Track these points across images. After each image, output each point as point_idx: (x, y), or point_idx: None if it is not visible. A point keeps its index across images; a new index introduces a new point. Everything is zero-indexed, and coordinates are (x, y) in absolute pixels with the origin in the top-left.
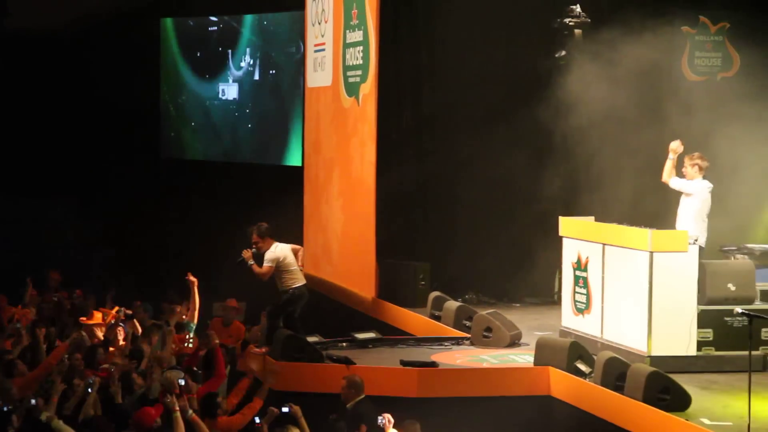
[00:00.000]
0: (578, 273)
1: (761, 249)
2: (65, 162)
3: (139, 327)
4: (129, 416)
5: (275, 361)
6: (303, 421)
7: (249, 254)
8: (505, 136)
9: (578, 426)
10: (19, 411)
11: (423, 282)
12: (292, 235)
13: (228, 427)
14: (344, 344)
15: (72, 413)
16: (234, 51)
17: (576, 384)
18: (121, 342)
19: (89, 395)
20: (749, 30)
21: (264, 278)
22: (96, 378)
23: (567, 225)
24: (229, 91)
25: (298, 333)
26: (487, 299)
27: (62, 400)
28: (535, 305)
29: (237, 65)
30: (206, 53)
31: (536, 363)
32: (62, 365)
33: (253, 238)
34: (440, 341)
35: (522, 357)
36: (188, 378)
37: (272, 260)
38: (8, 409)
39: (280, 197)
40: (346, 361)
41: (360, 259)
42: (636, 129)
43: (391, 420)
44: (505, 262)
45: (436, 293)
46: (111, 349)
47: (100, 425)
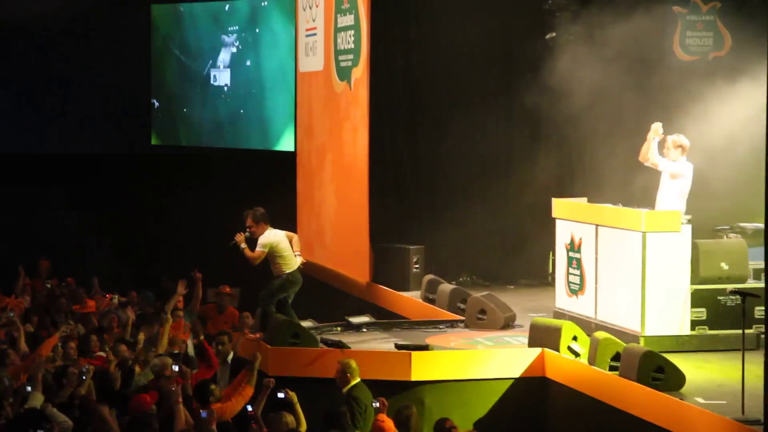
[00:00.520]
0: (572, 254)
1: (753, 228)
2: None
3: (133, 315)
4: (127, 403)
5: (269, 347)
6: (298, 407)
7: (242, 238)
8: (499, 119)
9: (573, 407)
10: (14, 399)
11: (417, 265)
12: (285, 221)
13: (220, 415)
14: (338, 328)
15: (67, 401)
16: (225, 37)
17: (570, 365)
18: (116, 329)
19: (83, 383)
20: (740, 9)
21: (254, 263)
22: (90, 366)
23: (560, 206)
24: (221, 77)
25: (292, 318)
26: (481, 281)
27: (57, 389)
28: (529, 287)
29: (228, 51)
30: (197, 39)
31: (530, 345)
32: (56, 353)
33: (248, 222)
34: (434, 324)
35: (516, 339)
36: (181, 365)
37: (264, 245)
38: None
39: (273, 183)
40: (341, 345)
41: (354, 244)
42: (628, 109)
43: (386, 404)
44: (499, 245)
45: (430, 276)
46: (105, 337)
47: (92, 408)
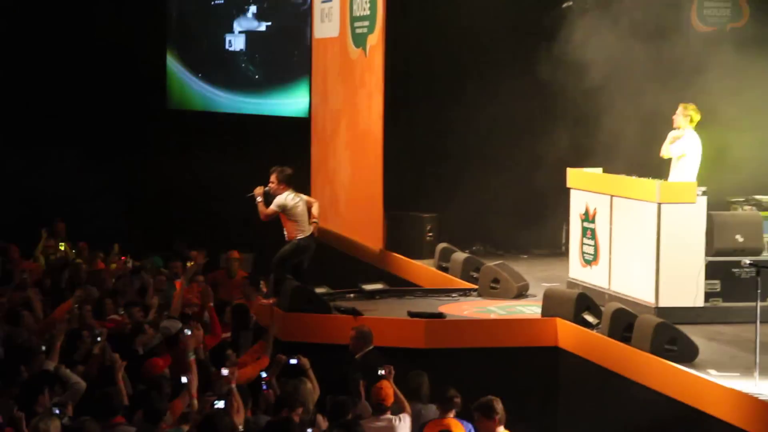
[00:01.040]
0: (586, 224)
1: None
2: (71, 112)
3: (149, 278)
4: (140, 366)
5: (283, 312)
6: (311, 373)
7: (261, 191)
8: (514, 87)
9: (585, 377)
10: (29, 360)
11: (430, 233)
12: (300, 187)
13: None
14: (352, 295)
15: (81, 363)
16: (241, 2)
17: (583, 335)
18: (130, 293)
19: (97, 345)
20: None
21: (264, 218)
22: (104, 329)
23: (575, 176)
24: (236, 42)
25: (306, 284)
26: (495, 250)
27: (71, 351)
28: (543, 257)
29: (244, 16)
30: (213, 4)
31: (544, 314)
32: (72, 316)
33: (271, 178)
34: (448, 292)
35: (529, 308)
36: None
37: (279, 205)
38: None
39: (288, 149)
40: (354, 312)
41: (367, 211)
42: (645, 80)
43: (392, 371)
44: (513, 214)
45: (444, 244)
46: (120, 301)
47: (103, 372)
